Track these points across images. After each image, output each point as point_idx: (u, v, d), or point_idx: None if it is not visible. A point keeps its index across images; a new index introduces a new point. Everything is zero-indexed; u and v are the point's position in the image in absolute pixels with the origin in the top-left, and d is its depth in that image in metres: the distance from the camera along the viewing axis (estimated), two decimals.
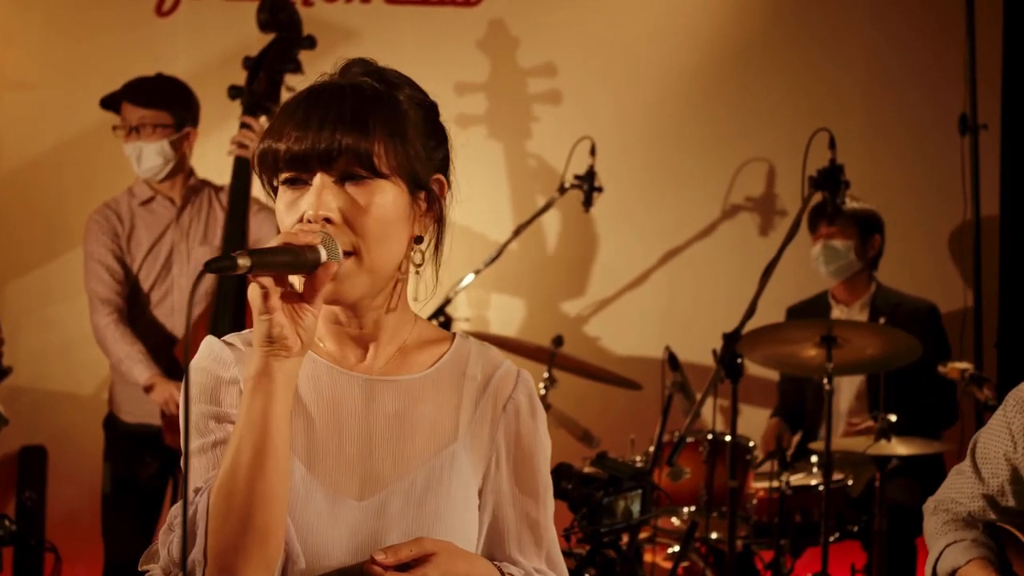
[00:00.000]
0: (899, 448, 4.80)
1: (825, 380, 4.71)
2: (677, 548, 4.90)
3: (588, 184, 5.75)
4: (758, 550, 5.20)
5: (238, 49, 5.21)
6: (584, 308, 6.49)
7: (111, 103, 5.02)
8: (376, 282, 2.01)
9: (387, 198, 1.99)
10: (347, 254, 1.96)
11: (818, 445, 4.93)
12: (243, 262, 1.81)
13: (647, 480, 3.70)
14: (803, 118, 5.97)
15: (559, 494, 3.69)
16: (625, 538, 4.47)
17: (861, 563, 5.23)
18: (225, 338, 2.07)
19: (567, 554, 4.42)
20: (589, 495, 3.61)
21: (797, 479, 5.04)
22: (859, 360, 4.91)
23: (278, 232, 1.97)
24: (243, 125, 4.86)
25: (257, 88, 4.89)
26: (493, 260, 5.68)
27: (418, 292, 2.11)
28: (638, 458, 4.98)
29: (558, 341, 5.44)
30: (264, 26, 4.99)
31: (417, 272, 2.08)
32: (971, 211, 6.03)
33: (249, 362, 1.93)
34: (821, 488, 4.85)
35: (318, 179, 1.96)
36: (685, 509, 4.95)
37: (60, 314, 5.93)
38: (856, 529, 5.10)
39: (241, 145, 4.84)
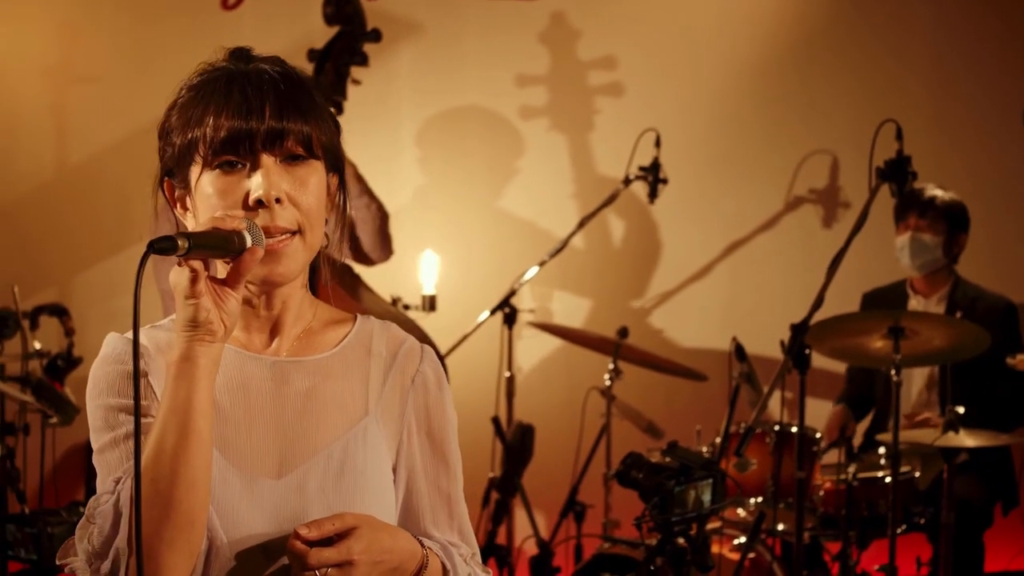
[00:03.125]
0: (967, 440, 4.76)
1: (893, 371, 4.69)
2: (743, 539, 4.89)
3: (653, 175, 5.72)
4: (825, 542, 5.19)
5: (303, 42, 5.23)
6: (648, 300, 6.49)
7: None
8: (309, 261, 2.06)
9: (319, 178, 2.05)
10: (292, 233, 1.99)
11: (886, 437, 4.91)
12: (182, 243, 1.84)
13: (718, 470, 3.69)
14: (866, 111, 5.95)
15: (630, 483, 3.70)
16: (694, 528, 4.47)
17: (927, 556, 5.21)
18: (128, 334, 2.06)
19: (637, 545, 4.44)
20: (660, 484, 3.60)
21: (864, 471, 5.01)
22: (927, 351, 4.88)
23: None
24: None
25: (324, 81, 4.91)
26: (557, 252, 5.68)
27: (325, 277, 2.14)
28: (704, 449, 4.98)
29: (623, 333, 5.44)
30: (330, 19, 5.01)
31: (325, 250, 2.10)
32: None
33: (173, 347, 1.93)
34: (888, 480, 4.83)
35: (265, 161, 1.99)
36: (752, 500, 4.94)
37: (127, 306, 5.93)
38: (923, 522, 5.08)
39: None
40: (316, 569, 1.91)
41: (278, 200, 1.97)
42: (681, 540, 3.70)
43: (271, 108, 1.98)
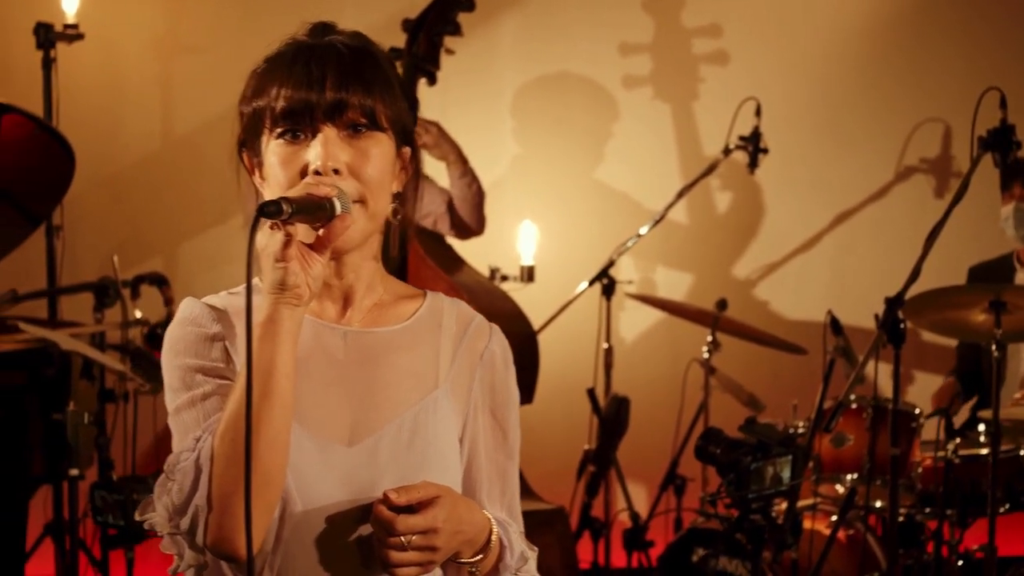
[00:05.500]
0: None
1: (993, 346, 4.57)
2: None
3: (753, 145, 5.64)
4: (924, 520, 5.09)
5: (403, 13, 5.22)
6: (752, 272, 6.41)
7: None
8: (372, 231, 2.08)
9: (383, 150, 2.06)
10: (353, 203, 2.01)
11: (987, 413, 4.79)
12: (287, 208, 1.87)
13: (797, 446, 3.62)
14: (980, 77, 5.76)
15: (707, 459, 3.66)
16: (783, 504, 4.41)
17: None
18: (204, 299, 2.12)
19: (713, 517, 4.40)
20: (737, 460, 3.55)
21: (966, 448, 4.90)
22: None
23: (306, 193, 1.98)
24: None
25: (417, 51, 4.90)
26: (656, 223, 5.63)
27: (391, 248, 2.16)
28: (800, 424, 4.91)
29: (722, 305, 5.39)
30: None
31: (395, 224, 2.12)
32: None
33: (257, 309, 1.94)
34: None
35: (325, 131, 2.01)
36: (848, 476, 4.87)
37: (232, 274, 5.96)
38: None
39: None
40: (402, 535, 1.95)
41: (336, 171, 2.00)
42: (759, 517, 3.64)
43: (332, 80, 2.01)
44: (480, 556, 2.09)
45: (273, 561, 2.01)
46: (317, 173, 1.98)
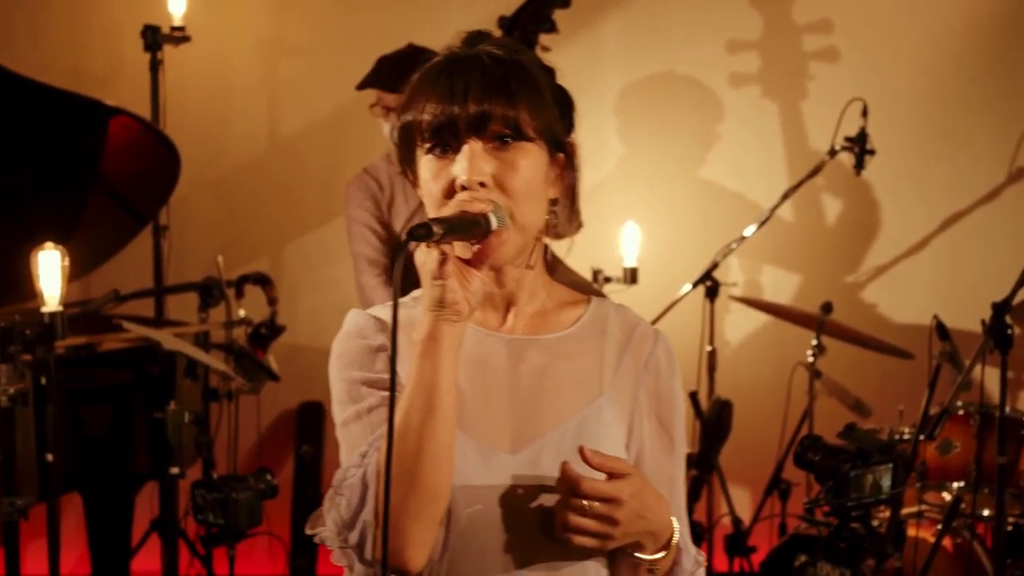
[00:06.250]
0: None
1: None
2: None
3: (860, 146, 5.54)
4: None
5: (507, 11, 5.21)
6: (860, 275, 6.33)
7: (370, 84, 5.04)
8: (525, 242, 2.07)
9: (532, 160, 2.05)
10: None
11: None
12: (437, 230, 1.87)
13: (897, 453, 3.56)
14: None
15: (806, 465, 3.61)
16: (886, 512, 4.34)
17: None
18: (369, 310, 2.14)
19: (814, 523, 4.34)
20: (836, 467, 3.49)
21: None
22: None
23: None
24: None
25: None
26: (762, 224, 5.56)
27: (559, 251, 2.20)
28: (906, 430, 4.84)
29: (827, 308, 5.32)
30: None
31: (555, 232, 2.14)
32: None
33: (414, 325, 1.99)
34: None
35: (470, 145, 2.01)
36: (954, 484, 4.79)
37: (336, 274, 6.04)
38: None
39: None
40: (586, 498, 1.95)
41: (482, 184, 2.01)
42: (859, 525, 3.59)
43: (474, 93, 2.01)
44: (662, 554, 2.08)
45: (440, 569, 2.03)
46: (464, 188, 2.00)
